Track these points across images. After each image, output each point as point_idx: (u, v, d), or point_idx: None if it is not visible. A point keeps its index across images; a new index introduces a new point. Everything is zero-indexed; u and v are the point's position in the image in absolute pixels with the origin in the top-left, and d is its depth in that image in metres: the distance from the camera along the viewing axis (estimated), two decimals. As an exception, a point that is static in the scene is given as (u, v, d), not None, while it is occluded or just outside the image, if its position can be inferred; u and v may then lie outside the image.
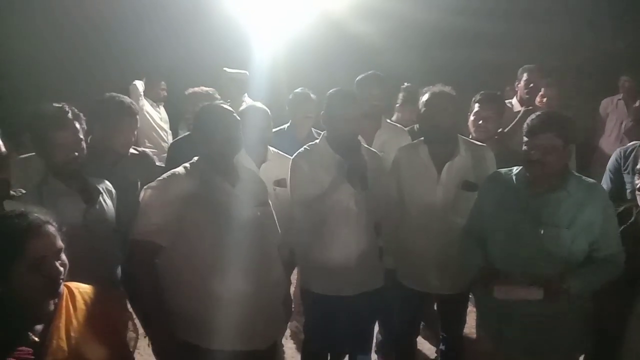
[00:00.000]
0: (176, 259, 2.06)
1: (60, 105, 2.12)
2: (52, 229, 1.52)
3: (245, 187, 2.19)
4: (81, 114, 2.18)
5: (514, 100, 4.18)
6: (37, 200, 2.02)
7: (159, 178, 2.11)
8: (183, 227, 2.03)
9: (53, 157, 2.10)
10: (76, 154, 2.12)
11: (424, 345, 3.52)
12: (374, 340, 3.29)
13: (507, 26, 5.12)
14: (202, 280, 2.04)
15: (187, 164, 2.16)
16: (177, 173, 2.11)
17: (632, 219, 2.20)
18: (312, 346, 2.76)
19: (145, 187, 2.12)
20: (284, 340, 3.46)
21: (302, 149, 2.61)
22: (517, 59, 4.45)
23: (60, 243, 1.53)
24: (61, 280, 1.53)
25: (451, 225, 2.54)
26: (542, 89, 4.22)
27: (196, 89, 3.57)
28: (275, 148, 2.90)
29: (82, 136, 2.16)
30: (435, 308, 3.16)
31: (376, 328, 3.13)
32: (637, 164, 2.20)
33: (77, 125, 2.14)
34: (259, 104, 2.93)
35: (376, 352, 3.31)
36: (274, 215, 2.32)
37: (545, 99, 4.24)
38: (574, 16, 5.48)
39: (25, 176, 2.27)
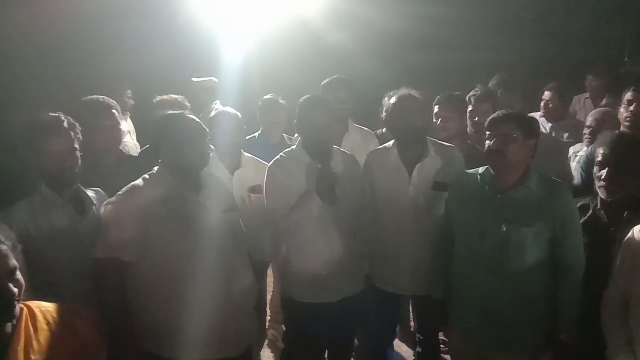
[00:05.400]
0: (144, 271, 2.03)
1: (57, 115, 2.13)
2: (3, 248, 1.45)
3: (209, 194, 2.17)
4: (77, 124, 2.18)
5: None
6: (29, 210, 2.05)
7: (119, 192, 2.08)
8: (148, 240, 2.01)
9: (47, 165, 2.08)
10: (70, 163, 2.12)
11: (401, 348, 3.52)
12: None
13: (473, 33, 5.24)
14: (171, 290, 2.02)
15: (146, 175, 2.13)
16: (137, 186, 2.09)
17: (591, 212, 2.26)
18: (294, 355, 2.70)
19: (104, 203, 2.10)
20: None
21: (279, 156, 2.57)
22: (484, 63, 4.52)
23: (13, 262, 1.46)
24: (16, 302, 1.46)
25: (424, 226, 2.56)
26: (546, 94, 4.08)
27: (165, 96, 3.41)
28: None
29: (77, 146, 2.15)
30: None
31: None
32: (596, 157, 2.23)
33: (72, 135, 2.14)
34: (230, 109, 2.90)
35: (354, 357, 3.29)
36: (241, 221, 2.30)
37: (551, 106, 4.02)
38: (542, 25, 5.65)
39: None
